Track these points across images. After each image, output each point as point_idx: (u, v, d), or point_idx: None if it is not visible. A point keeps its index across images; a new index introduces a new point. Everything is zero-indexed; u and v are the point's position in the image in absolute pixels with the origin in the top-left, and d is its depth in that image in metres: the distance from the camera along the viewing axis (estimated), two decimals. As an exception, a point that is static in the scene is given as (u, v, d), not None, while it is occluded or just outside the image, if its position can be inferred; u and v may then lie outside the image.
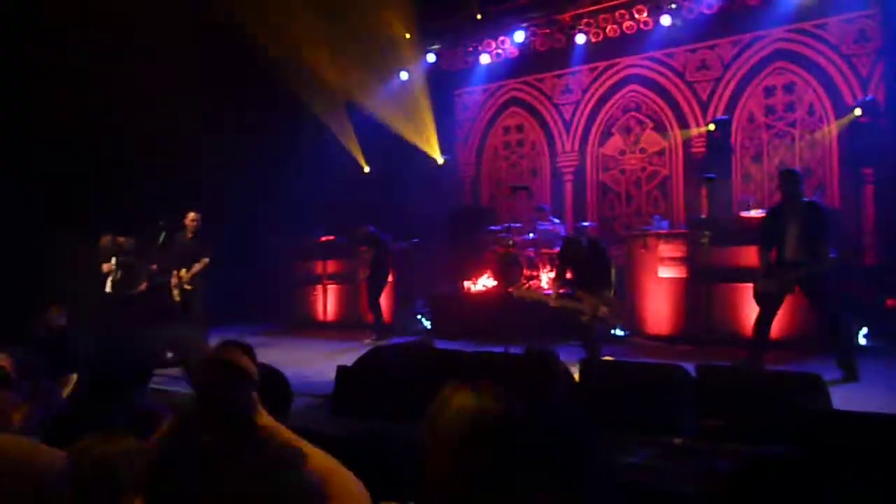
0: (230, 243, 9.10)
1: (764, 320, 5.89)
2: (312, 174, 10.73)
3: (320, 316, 10.74)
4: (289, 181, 10.57)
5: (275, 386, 2.61)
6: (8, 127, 8.17)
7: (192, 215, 8.05)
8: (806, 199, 6.05)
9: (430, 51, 11.93)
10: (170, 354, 6.65)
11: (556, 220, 9.91)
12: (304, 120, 11.06)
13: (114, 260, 8.06)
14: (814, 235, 5.64)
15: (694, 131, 10.21)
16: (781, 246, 5.80)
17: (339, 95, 11.11)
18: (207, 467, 1.18)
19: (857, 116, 8.42)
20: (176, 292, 8.00)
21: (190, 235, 8.07)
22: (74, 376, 3.82)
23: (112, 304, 7.95)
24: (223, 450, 1.21)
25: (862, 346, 7.13)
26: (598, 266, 6.60)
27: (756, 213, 7.65)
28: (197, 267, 7.97)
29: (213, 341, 6.17)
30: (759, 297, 5.92)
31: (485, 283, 9.67)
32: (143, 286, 8.19)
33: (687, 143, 10.46)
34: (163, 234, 7.94)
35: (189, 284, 7.95)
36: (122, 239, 8.09)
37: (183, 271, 7.96)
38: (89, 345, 5.59)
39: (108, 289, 8.04)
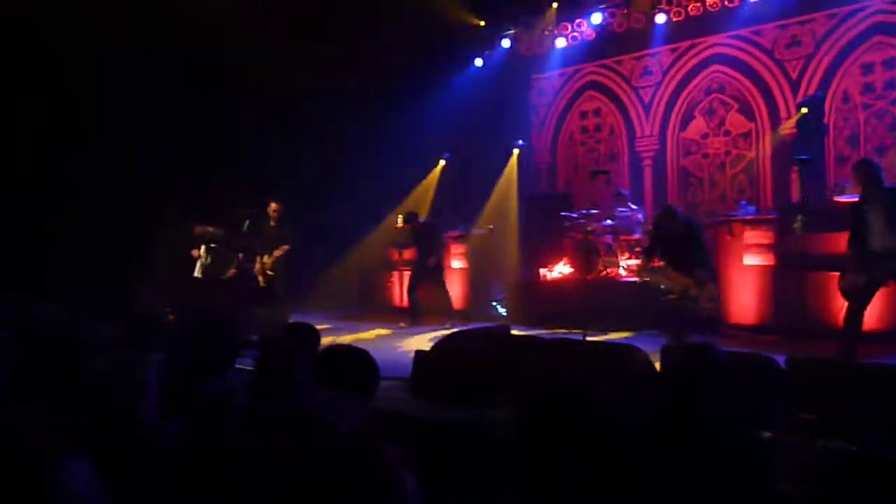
0: (312, 228, 9.45)
1: (854, 314, 5.62)
2: (392, 158, 10.88)
3: (396, 301, 10.91)
4: (369, 165, 10.76)
5: (363, 366, 2.68)
6: (115, 123, 8.68)
7: (274, 205, 8.52)
8: (887, 185, 5.74)
9: (505, 36, 11.84)
10: (254, 336, 6.91)
11: (635, 207, 9.68)
12: (386, 107, 11.20)
13: (203, 247, 8.45)
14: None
15: (785, 126, 9.71)
16: (866, 237, 5.52)
17: (415, 82, 11.17)
18: None
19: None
20: (260, 278, 8.47)
21: (273, 223, 8.54)
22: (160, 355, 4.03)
23: (201, 288, 8.36)
24: None
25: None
26: (692, 244, 6.47)
27: (850, 197, 7.25)
28: (277, 253, 8.42)
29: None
30: (846, 293, 5.66)
31: (561, 269, 9.58)
32: (232, 272, 8.56)
33: (775, 124, 9.99)
34: (247, 222, 8.32)
35: (271, 270, 8.42)
36: (211, 227, 8.47)
37: (266, 257, 8.42)
38: (180, 324, 5.89)
39: (197, 274, 8.44)
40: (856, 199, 6.01)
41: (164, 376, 2.59)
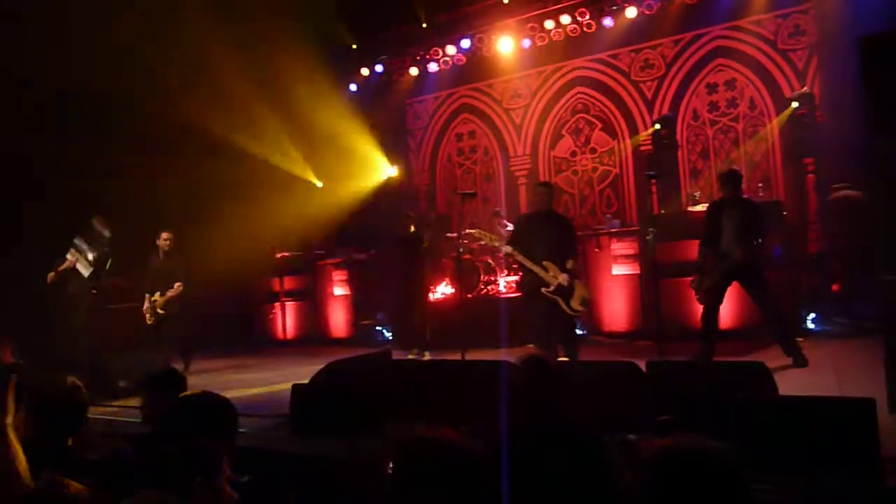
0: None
1: (708, 314, 6.05)
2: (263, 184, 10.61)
3: (279, 334, 10.62)
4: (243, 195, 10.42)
5: (218, 412, 2.56)
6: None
7: (165, 234, 7.84)
8: (743, 196, 6.28)
9: (377, 61, 11.93)
10: (122, 383, 6.50)
11: (511, 226, 9.96)
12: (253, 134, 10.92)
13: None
14: (747, 229, 5.85)
15: (642, 136, 10.38)
16: (719, 240, 5.99)
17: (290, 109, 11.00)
18: None
19: (795, 109, 8.68)
20: (148, 316, 7.78)
21: (162, 256, 7.87)
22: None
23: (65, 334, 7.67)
24: None
25: (810, 331, 7.34)
26: (561, 234, 6.47)
27: (702, 207, 7.82)
28: (171, 293, 7.74)
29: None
30: (698, 293, 6.10)
31: (443, 290, 9.68)
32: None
33: (635, 142, 10.65)
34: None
35: (163, 309, 7.75)
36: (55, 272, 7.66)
37: (157, 296, 7.73)
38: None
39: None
40: (711, 204, 6.50)
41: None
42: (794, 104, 8.55)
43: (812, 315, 7.56)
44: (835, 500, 3.13)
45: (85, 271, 7.42)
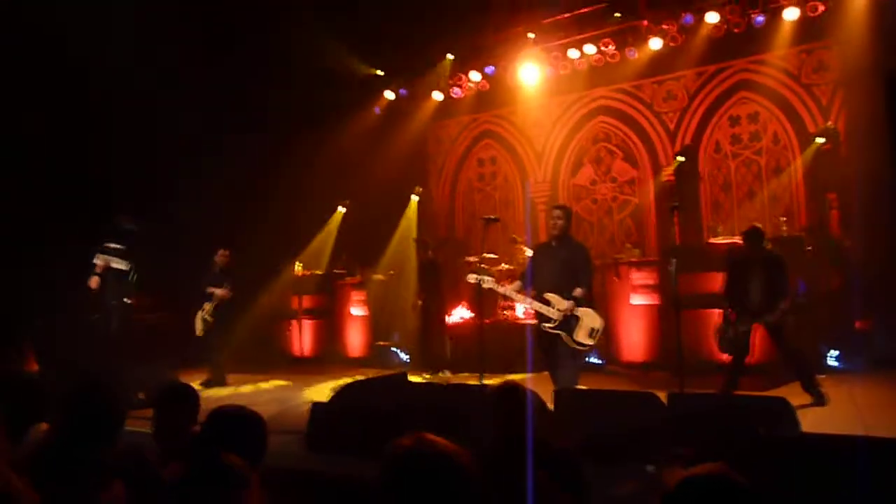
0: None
1: (737, 360, 6.08)
2: (288, 206, 10.74)
3: (297, 352, 10.65)
4: (266, 216, 10.56)
5: (252, 430, 2.58)
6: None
7: (222, 251, 8.64)
8: (767, 252, 6.30)
9: (402, 85, 12.08)
10: (140, 395, 6.55)
11: (530, 252, 9.97)
12: (280, 153, 11.07)
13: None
14: (773, 289, 5.89)
15: (666, 171, 10.37)
16: (745, 295, 6.02)
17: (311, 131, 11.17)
18: None
19: (820, 144, 8.66)
20: (198, 327, 8.46)
21: (218, 271, 8.60)
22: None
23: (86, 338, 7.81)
24: None
25: (832, 368, 7.25)
26: (571, 260, 6.10)
27: (723, 239, 7.80)
28: (220, 292, 8.45)
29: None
30: (721, 343, 6.11)
31: (461, 314, 9.68)
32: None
33: (657, 171, 10.65)
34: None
35: (211, 316, 8.45)
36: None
37: (207, 304, 8.42)
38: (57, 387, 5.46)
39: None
40: (735, 258, 6.49)
41: (50, 447, 2.40)
42: (819, 139, 8.53)
43: (834, 352, 7.47)
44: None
45: (124, 266, 7.83)
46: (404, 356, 9.72)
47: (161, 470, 2.59)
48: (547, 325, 5.94)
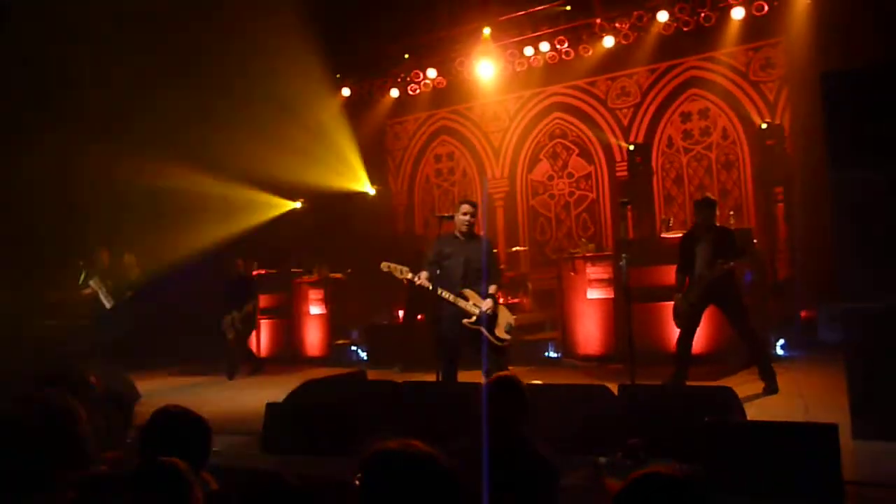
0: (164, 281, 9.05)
1: (684, 338, 6.13)
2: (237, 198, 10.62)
3: (254, 351, 10.51)
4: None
5: (195, 431, 2.55)
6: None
7: (239, 261, 9.24)
8: (717, 224, 6.40)
9: (359, 82, 12.01)
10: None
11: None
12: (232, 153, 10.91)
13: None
14: (720, 254, 5.96)
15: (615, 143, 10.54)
16: (693, 266, 6.10)
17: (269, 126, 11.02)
18: None
19: (765, 139, 8.92)
20: (228, 333, 8.86)
21: (236, 278, 9.12)
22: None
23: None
24: None
25: (778, 357, 7.48)
26: (483, 257, 5.75)
27: (675, 234, 7.96)
28: (249, 307, 8.97)
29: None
30: (676, 316, 6.18)
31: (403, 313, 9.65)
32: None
33: (612, 168, 10.82)
34: (83, 274, 7.85)
35: (241, 323, 8.90)
36: None
37: (235, 312, 8.83)
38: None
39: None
40: (687, 232, 6.60)
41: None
42: (764, 126, 8.77)
43: (781, 341, 7.70)
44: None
45: (107, 303, 8.60)
46: (363, 354, 9.68)
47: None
48: (467, 320, 5.68)
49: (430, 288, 5.67)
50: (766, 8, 9.01)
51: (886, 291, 4.20)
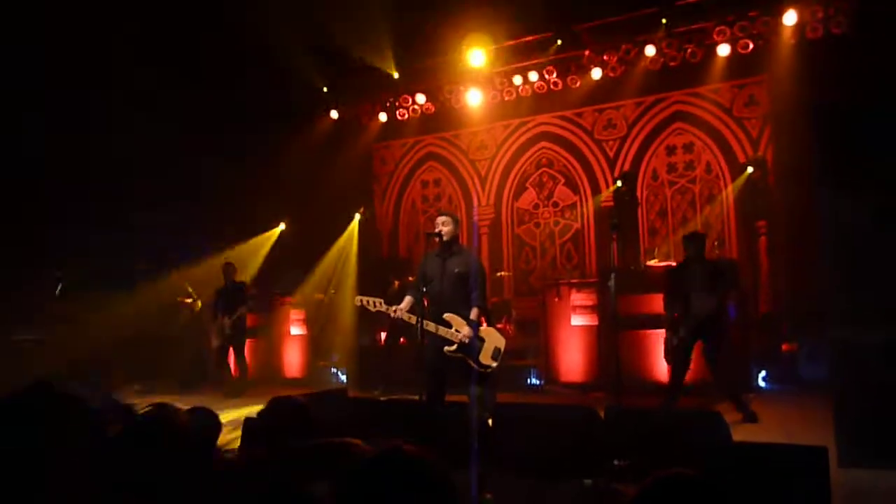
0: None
1: (676, 370, 6.14)
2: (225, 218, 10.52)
3: (233, 371, 10.31)
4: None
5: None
6: None
7: (234, 267, 9.19)
8: (707, 258, 6.44)
9: (347, 105, 12.05)
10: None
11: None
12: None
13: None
14: (713, 286, 6.00)
15: (604, 194, 10.63)
16: (685, 300, 6.12)
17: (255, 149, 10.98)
18: None
19: (750, 174, 9.03)
20: (215, 338, 8.84)
21: (228, 284, 9.04)
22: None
23: None
24: None
25: (761, 389, 7.48)
26: (464, 274, 5.45)
27: (659, 262, 8.00)
28: (240, 311, 8.88)
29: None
30: (667, 353, 6.18)
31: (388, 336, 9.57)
32: None
33: (597, 198, 10.90)
34: (59, 286, 7.74)
35: (231, 329, 8.81)
36: None
37: (226, 318, 8.78)
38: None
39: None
40: (672, 265, 6.62)
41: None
42: (749, 169, 8.90)
43: (763, 373, 7.71)
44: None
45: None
46: (343, 377, 9.54)
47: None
48: (448, 347, 5.39)
49: (407, 319, 5.45)
50: (752, 46, 9.21)
51: (871, 319, 4.22)
